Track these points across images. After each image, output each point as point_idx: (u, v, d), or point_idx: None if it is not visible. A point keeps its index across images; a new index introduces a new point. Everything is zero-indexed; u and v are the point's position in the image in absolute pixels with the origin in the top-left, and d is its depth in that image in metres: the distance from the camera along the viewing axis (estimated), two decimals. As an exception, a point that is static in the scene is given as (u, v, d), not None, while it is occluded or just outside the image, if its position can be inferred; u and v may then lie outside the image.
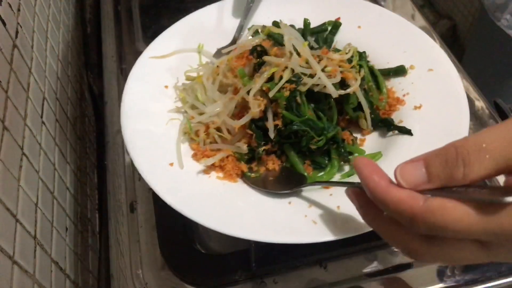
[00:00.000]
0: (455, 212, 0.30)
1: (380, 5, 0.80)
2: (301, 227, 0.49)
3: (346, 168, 0.58)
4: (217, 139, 0.59)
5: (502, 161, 0.30)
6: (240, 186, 0.56)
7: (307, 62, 0.57)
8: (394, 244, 0.36)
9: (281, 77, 0.55)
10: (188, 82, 0.66)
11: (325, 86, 0.56)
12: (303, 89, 0.56)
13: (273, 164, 0.57)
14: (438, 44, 0.67)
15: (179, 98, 0.64)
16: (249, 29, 0.70)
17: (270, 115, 0.56)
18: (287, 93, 0.55)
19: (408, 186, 0.33)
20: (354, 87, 0.58)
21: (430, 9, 1.41)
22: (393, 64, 0.65)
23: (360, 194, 0.39)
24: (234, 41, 0.71)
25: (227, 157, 0.57)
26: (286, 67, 0.56)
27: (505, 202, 0.29)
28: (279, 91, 0.55)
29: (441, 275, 0.55)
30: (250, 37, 0.68)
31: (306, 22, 0.71)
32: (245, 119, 0.57)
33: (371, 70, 0.63)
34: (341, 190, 0.55)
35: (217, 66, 0.64)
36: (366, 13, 0.71)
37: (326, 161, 0.58)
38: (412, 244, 0.34)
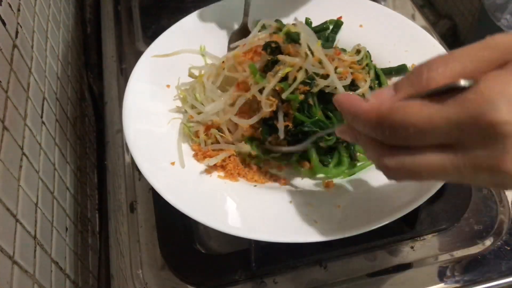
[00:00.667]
0: (415, 106, 0.30)
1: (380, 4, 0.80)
2: (302, 227, 0.49)
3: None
4: (219, 139, 0.59)
5: (469, 65, 0.30)
6: (241, 186, 0.56)
7: (320, 62, 0.57)
8: (372, 160, 0.36)
9: (295, 78, 0.55)
10: (189, 80, 0.66)
11: (336, 87, 0.56)
12: (315, 90, 0.55)
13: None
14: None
15: (180, 97, 0.64)
16: (256, 23, 0.68)
17: (281, 116, 0.56)
18: (301, 97, 0.54)
19: (377, 100, 0.33)
20: (364, 88, 0.58)
21: (430, 9, 1.41)
22: (394, 63, 0.65)
23: (346, 128, 0.40)
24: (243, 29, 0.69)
25: (229, 157, 0.57)
26: (301, 68, 0.55)
27: (460, 85, 0.29)
28: (292, 92, 0.54)
29: (441, 275, 0.55)
30: (258, 32, 0.66)
31: (308, 21, 0.71)
32: (255, 119, 0.56)
33: (374, 69, 0.63)
34: (341, 189, 0.56)
35: (223, 61, 0.63)
36: (368, 12, 0.71)
37: (330, 159, 0.58)
38: (384, 156, 0.34)
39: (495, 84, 0.28)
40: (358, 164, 0.58)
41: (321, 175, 0.57)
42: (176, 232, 0.59)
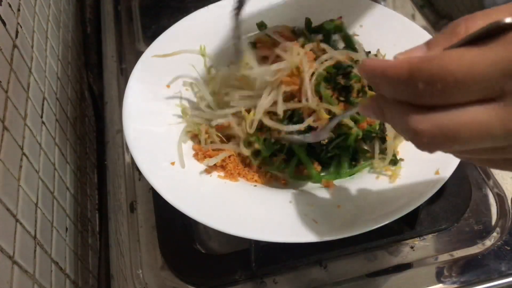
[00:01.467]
0: (453, 54, 0.26)
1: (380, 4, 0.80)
2: (302, 227, 0.49)
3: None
4: (216, 140, 0.59)
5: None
6: (241, 185, 0.56)
7: None
8: (398, 126, 0.31)
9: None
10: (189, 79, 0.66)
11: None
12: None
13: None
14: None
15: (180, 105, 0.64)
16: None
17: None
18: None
19: (406, 58, 0.29)
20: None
21: (430, 9, 1.41)
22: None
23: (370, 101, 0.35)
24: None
25: (229, 157, 0.57)
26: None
27: (505, 22, 0.24)
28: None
29: (441, 276, 0.55)
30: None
31: (308, 22, 0.71)
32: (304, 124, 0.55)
33: None
34: (342, 189, 0.56)
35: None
36: (368, 12, 0.71)
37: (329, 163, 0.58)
38: (415, 119, 0.28)
39: None
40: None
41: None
42: (176, 232, 0.59)
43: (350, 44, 0.65)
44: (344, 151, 0.57)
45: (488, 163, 0.31)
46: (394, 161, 0.56)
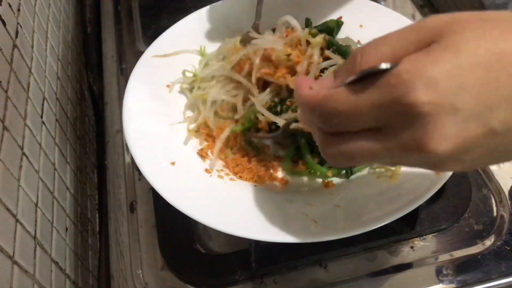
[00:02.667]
0: (342, 94, 0.31)
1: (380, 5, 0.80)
2: (302, 227, 0.49)
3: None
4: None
5: (398, 47, 0.30)
6: (241, 186, 0.56)
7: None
8: (319, 149, 0.37)
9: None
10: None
11: None
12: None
13: None
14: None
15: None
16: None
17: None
18: None
19: (319, 88, 0.34)
20: None
21: (430, 9, 1.41)
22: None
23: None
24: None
25: (238, 164, 0.59)
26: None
27: (381, 68, 0.29)
28: None
29: (441, 275, 0.55)
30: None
31: (308, 22, 0.71)
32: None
33: None
34: (342, 189, 0.56)
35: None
36: (368, 12, 0.71)
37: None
38: (325, 144, 0.35)
39: (413, 65, 0.28)
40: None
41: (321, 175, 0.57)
42: (176, 232, 0.59)
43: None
44: None
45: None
46: None
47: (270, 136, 0.61)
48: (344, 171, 0.57)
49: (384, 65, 0.29)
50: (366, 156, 0.32)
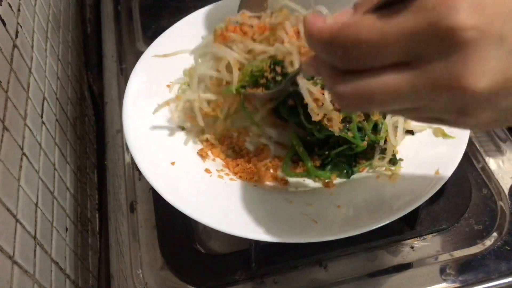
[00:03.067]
0: (367, 21, 0.27)
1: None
2: (302, 227, 0.49)
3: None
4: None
5: None
6: (241, 186, 0.56)
7: None
8: (328, 89, 0.34)
9: None
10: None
11: None
12: None
13: None
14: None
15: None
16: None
17: None
18: None
19: (335, 20, 0.29)
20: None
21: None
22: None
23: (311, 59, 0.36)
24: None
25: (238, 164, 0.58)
26: None
27: None
28: None
29: (441, 276, 0.55)
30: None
31: (307, 22, 0.71)
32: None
33: None
34: (342, 189, 0.56)
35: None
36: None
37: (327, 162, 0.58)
38: (337, 83, 0.30)
39: None
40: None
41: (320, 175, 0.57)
42: (176, 232, 0.59)
43: None
44: (347, 158, 0.57)
45: (418, 119, 0.32)
46: (393, 161, 0.56)
47: (268, 93, 0.56)
48: (345, 171, 0.57)
49: None
50: (387, 95, 0.28)
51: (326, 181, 0.57)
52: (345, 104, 0.30)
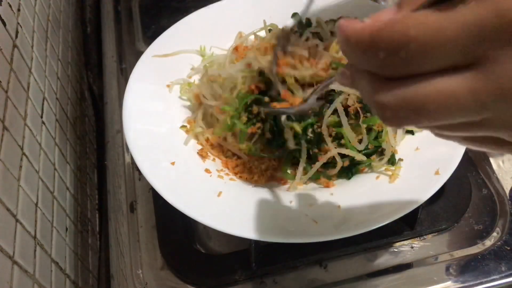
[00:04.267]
0: (418, 16, 0.23)
1: (381, 5, 0.80)
2: (302, 227, 0.49)
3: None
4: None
5: None
6: (241, 186, 0.56)
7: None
8: (366, 99, 0.28)
9: None
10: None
11: None
12: None
13: None
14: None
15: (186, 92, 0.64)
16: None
17: None
18: None
19: (375, 20, 0.25)
20: None
21: (430, 9, 1.42)
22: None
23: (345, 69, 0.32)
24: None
25: (238, 164, 0.58)
26: None
27: None
28: None
29: (441, 276, 0.55)
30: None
31: (308, 21, 0.71)
32: None
33: None
34: (342, 189, 0.56)
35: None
36: (368, 12, 0.71)
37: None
38: (379, 92, 0.26)
39: None
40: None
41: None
42: (176, 232, 0.59)
43: None
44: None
45: (469, 142, 0.28)
46: (392, 161, 0.56)
47: (291, 112, 0.52)
48: (345, 173, 0.57)
49: None
50: (442, 105, 0.23)
51: (326, 181, 0.57)
52: (389, 116, 0.26)
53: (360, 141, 0.55)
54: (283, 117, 0.55)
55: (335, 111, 0.55)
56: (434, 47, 0.22)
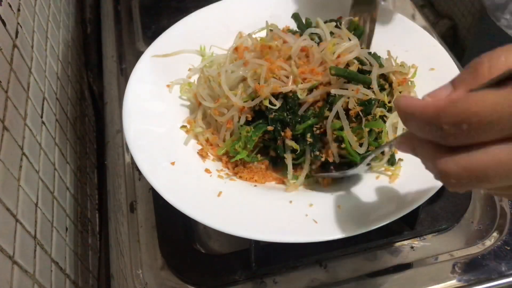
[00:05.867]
0: (477, 96, 0.27)
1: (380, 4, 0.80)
2: (302, 227, 0.49)
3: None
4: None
5: None
6: (241, 186, 0.56)
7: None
8: (427, 165, 0.33)
9: None
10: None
11: None
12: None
13: None
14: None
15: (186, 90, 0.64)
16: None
17: None
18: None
19: (435, 98, 0.30)
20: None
21: (430, 9, 1.41)
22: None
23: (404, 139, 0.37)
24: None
25: (238, 164, 0.58)
26: None
27: None
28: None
29: (441, 276, 0.55)
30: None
31: (308, 21, 0.71)
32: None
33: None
34: (342, 189, 0.56)
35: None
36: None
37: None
38: (442, 160, 0.30)
39: None
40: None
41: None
42: (176, 232, 0.59)
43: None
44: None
45: None
46: (392, 161, 0.56)
47: (341, 176, 0.55)
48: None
49: None
50: (501, 172, 0.27)
51: (326, 180, 0.57)
52: (453, 182, 0.30)
53: (361, 145, 0.55)
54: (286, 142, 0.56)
55: (336, 114, 0.55)
56: (492, 121, 0.26)
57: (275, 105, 0.56)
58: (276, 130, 0.57)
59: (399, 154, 0.57)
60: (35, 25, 0.67)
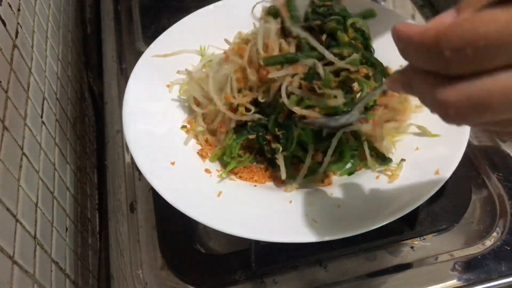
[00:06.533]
0: (485, 15, 0.23)
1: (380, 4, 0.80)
2: (302, 227, 0.49)
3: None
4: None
5: None
6: (241, 186, 0.56)
7: None
8: (424, 99, 0.30)
9: None
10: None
11: None
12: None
13: None
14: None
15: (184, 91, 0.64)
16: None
17: None
18: None
19: (436, 23, 0.26)
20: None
21: (430, 9, 1.41)
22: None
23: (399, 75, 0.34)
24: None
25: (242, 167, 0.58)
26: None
27: None
28: None
29: (441, 276, 0.55)
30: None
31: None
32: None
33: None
34: (342, 189, 0.56)
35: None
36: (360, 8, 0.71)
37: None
38: (442, 90, 0.26)
39: None
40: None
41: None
42: (176, 232, 0.59)
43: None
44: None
45: None
46: (387, 160, 0.56)
47: (333, 125, 0.52)
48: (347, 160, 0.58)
49: None
50: (506, 98, 0.24)
51: (326, 179, 0.57)
52: (452, 113, 0.27)
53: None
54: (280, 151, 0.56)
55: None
56: (503, 43, 0.23)
57: (250, 110, 0.57)
58: (258, 136, 0.57)
59: (399, 154, 0.57)
60: (35, 25, 0.67)
